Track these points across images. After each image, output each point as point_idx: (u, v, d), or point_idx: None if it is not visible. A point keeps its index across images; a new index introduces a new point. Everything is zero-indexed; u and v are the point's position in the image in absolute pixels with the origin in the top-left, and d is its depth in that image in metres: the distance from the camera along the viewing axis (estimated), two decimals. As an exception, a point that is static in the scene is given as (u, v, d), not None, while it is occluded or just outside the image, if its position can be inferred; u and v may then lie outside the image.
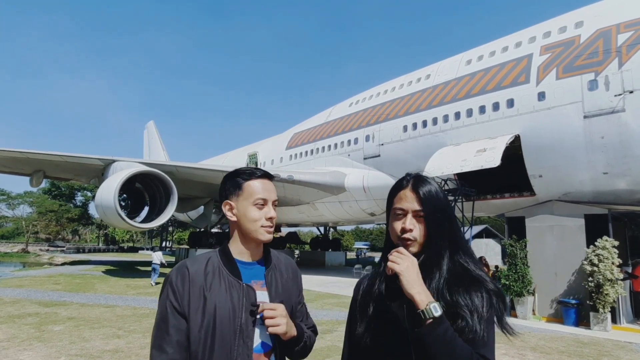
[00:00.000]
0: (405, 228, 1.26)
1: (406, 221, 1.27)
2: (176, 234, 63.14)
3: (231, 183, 1.51)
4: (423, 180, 1.32)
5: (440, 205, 1.28)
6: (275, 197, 1.52)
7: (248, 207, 1.46)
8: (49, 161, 19.05)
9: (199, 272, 1.41)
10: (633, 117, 10.98)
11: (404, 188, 1.32)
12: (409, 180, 1.33)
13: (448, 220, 1.28)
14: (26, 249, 48.08)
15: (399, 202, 1.31)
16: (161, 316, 1.39)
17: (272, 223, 1.48)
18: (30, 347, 6.28)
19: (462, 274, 1.25)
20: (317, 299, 12.39)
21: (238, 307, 1.39)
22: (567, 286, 10.10)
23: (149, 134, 48.77)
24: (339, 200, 21.21)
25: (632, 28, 11.33)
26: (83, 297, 11.38)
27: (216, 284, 1.40)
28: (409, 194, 1.29)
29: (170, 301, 1.38)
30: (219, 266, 1.45)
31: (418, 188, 1.29)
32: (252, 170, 1.52)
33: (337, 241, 37.85)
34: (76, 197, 59.93)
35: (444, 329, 1.09)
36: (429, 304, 1.11)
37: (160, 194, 18.06)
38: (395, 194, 1.34)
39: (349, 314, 1.46)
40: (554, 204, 11.01)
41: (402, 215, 1.29)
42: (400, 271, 1.16)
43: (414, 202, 1.27)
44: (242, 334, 1.37)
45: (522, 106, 13.21)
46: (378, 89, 20.96)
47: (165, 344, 1.35)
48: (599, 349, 7.41)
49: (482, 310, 1.18)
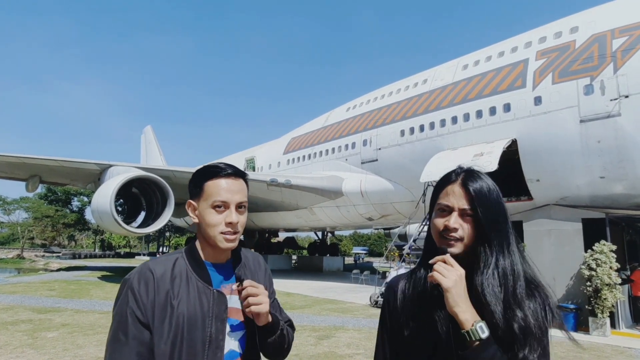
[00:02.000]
0: (449, 226, 1.14)
1: (451, 219, 1.15)
2: (173, 240, 62.84)
3: (193, 182, 1.36)
4: (475, 175, 1.19)
5: (493, 205, 1.15)
6: (241, 199, 1.32)
7: (206, 210, 1.30)
8: (45, 166, 18.95)
9: (165, 277, 1.27)
10: (629, 121, 11.03)
11: (453, 182, 1.20)
12: (458, 174, 1.21)
13: (500, 223, 1.15)
14: (21, 255, 47.66)
15: (444, 198, 1.19)
16: (119, 326, 1.23)
17: (234, 229, 1.30)
18: (23, 354, 6.18)
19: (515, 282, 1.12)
20: (314, 304, 12.31)
21: (208, 315, 1.27)
22: (566, 291, 10.07)
23: (146, 139, 48.68)
24: (337, 205, 21.18)
25: (627, 33, 11.42)
26: (78, 304, 11.26)
27: (184, 291, 1.27)
28: (457, 190, 1.17)
29: (131, 309, 1.22)
30: (187, 270, 1.31)
31: (468, 184, 1.16)
32: (217, 168, 1.34)
33: (335, 246, 37.79)
34: (72, 202, 59.63)
35: (492, 354, 1.01)
36: (475, 323, 1.03)
37: (157, 199, 17.96)
38: (442, 188, 1.22)
39: (382, 317, 1.34)
40: (551, 208, 11.01)
41: (447, 212, 1.17)
42: (447, 287, 1.05)
43: (462, 199, 1.15)
44: (212, 344, 1.26)
45: (518, 111, 13.27)
46: (375, 94, 21.02)
47: (124, 358, 1.20)
48: (598, 354, 7.37)
49: (537, 330, 1.07)
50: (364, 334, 8.36)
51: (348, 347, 7.14)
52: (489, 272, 1.11)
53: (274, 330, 1.33)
